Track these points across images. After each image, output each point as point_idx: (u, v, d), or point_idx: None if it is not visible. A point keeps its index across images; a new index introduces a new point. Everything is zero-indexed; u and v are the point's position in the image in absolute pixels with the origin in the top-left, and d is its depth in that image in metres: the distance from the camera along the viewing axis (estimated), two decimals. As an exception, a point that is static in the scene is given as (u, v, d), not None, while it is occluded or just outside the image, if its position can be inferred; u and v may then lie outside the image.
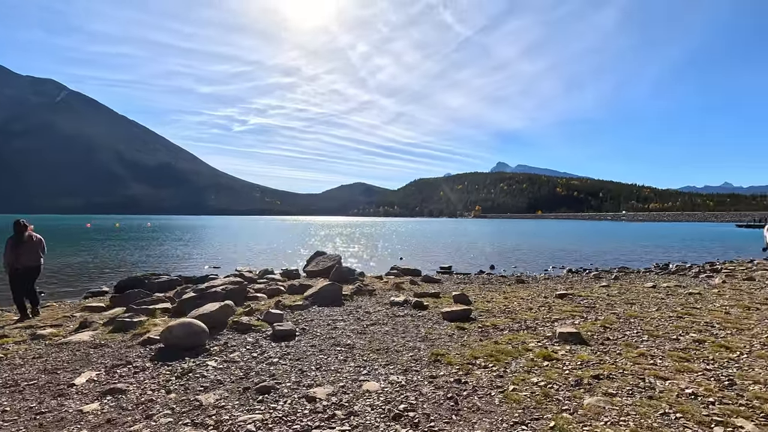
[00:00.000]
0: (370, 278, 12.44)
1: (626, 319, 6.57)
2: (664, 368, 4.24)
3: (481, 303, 8.22)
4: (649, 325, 6.16)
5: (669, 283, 11.07)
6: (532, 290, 10.33)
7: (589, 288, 10.63)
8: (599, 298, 8.65)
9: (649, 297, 8.83)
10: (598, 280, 12.72)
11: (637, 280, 12.58)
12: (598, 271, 15.34)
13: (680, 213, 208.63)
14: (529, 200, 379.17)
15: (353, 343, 5.35)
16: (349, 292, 9.00)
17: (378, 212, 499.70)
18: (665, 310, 7.27)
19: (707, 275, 13.53)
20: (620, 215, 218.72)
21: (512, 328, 6.08)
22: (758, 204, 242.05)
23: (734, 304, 7.80)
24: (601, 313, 7.06)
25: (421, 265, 17.74)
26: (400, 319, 6.77)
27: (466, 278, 13.52)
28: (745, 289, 9.82)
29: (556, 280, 13.12)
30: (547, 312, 7.31)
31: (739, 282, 11.40)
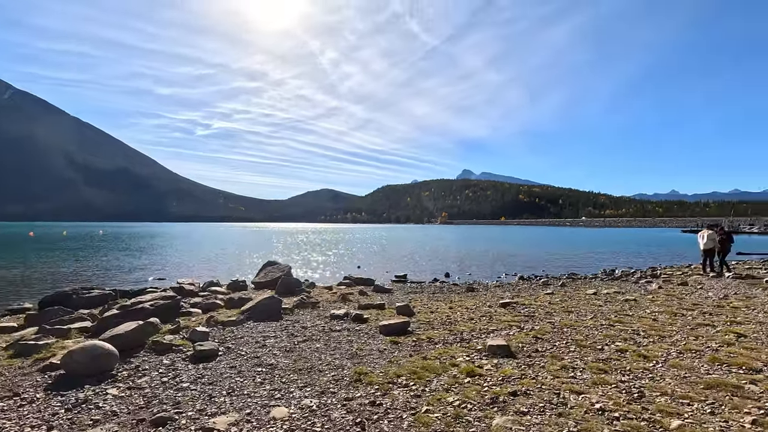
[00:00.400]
0: (320, 289, 12.15)
1: (560, 329, 6.64)
2: (581, 381, 4.25)
3: (425, 314, 8.13)
4: (580, 334, 6.26)
5: (610, 290, 11.43)
6: (480, 299, 10.38)
7: (535, 296, 10.81)
8: (540, 307, 8.77)
9: (588, 304, 9.05)
10: (546, 287, 13.00)
11: (583, 286, 12.94)
12: (548, 278, 15.71)
13: (633, 219, 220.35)
14: (493, 207, 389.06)
15: (277, 362, 5.08)
16: (291, 306, 8.69)
17: (346, 219, 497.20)
18: (599, 318, 7.43)
19: (647, 281, 14.13)
20: (578, 221, 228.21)
21: (447, 341, 6.00)
22: (701, 210, 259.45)
23: (664, 310, 8.10)
24: (537, 323, 7.13)
25: (378, 274, 17.60)
26: (336, 334, 6.55)
27: (418, 287, 13.47)
28: (677, 295, 10.28)
29: (506, 287, 13.30)
30: (486, 322, 7.30)
31: (674, 287, 11.95)
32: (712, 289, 11.18)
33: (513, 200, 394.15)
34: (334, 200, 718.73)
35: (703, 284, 12.47)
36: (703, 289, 11.42)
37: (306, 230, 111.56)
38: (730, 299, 9.28)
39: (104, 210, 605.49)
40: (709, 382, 4.07)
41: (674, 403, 3.68)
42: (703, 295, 10.22)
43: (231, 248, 35.64)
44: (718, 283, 12.76)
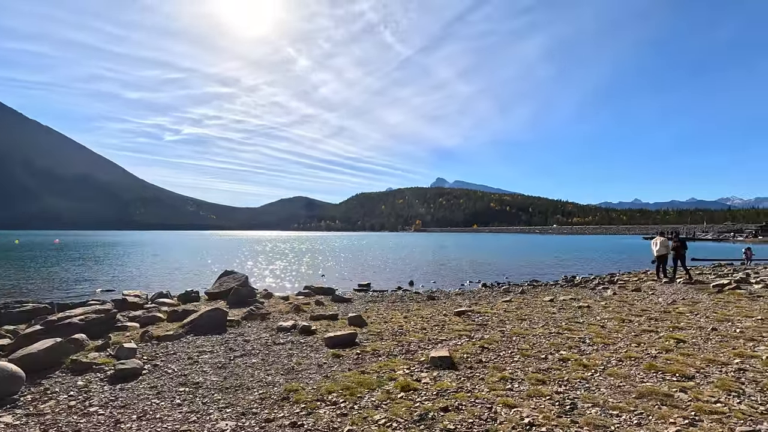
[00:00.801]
0: (276, 299, 11.74)
1: (509, 338, 6.57)
2: (517, 394, 4.12)
3: (377, 325, 7.92)
4: (528, 343, 6.19)
5: (566, 297, 11.57)
6: (438, 308, 10.27)
7: (493, 303, 10.79)
8: (495, 315, 8.72)
9: (543, 312, 9.07)
10: (506, 295, 13.05)
11: (542, 293, 13.06)
12: (510, 285, 15.83)
13: (599, 227, 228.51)
14: (466, 215, 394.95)
15: (204, 380, 4.73)
16: (239, 317, 8.30)
17: (320, 226, 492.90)
18: (550, 326, 7.42)
19: (604, 287, 14.44)
20: (547, 229, 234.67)
21: (392, 353, 5.79)
22: (662, 218, 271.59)
23: (613, 316, 8.19)
24: (488, 332, 7.04)
25: (342, 283, 17.29)
26: (278, 347, 6.24)
27: (379, 296, 13.25)
28: (629, 301, 10.48)
29: (467, 295, 13.27)
30: (438, 332, 7.16)
31: (628, 293, 12.22)
32: (663, 295, 11.48)
33: (485, 208, 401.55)
34: (309, 208, 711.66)
35: (656, 290, 12.82)
36: (654, 294, 11.72)
37: (277, 238, 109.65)
38: (677, 305, 9.52)
39: (64, 218, 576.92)
40: (641, 391, 4.03)
41: (604, 414, 3.59)
42: (654, 300, 10.46)
43: (194, 257, 34.42)
44: (670, 288, 13.15)
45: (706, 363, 4.88)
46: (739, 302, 9.49)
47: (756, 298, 10.00)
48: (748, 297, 10.20)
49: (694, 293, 11.61)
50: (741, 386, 4.11)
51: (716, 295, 10.98)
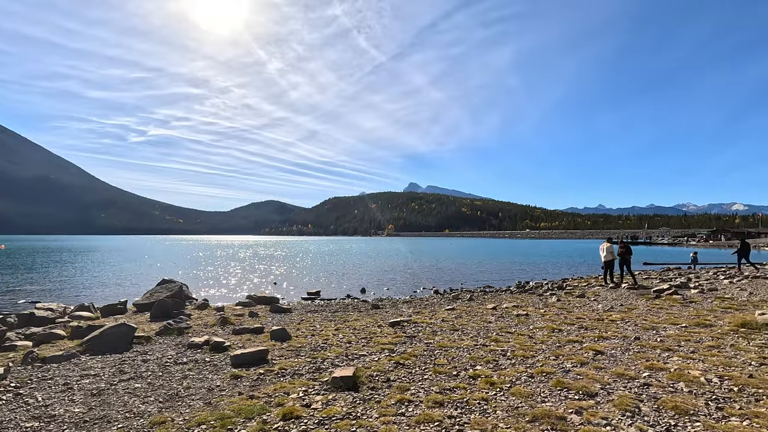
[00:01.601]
0: (209, 310, 11.08)
1: (432, 351, 6.26)
2: (407, 419, 3.77)
3: (302, 338, 7.46)
4: (448, 357, 5.90)
5: (511, 304, 11.47)
6: (376, 317, 9.92)
7: (435, 312, 10.54)
8: (431, 325, 8.44)
9: (480, 321, 8.86)
10: (454, 302, 12.86)
11: (489, 300, 12.94)
12: (461, 292, 15.70)
13: (564, 231, 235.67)
14: (438, 219, 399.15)
15: (64, 412, 4.15)
16: (152, 333, 7.65)
17: (292, 231, 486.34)
18: (480, 337, 7.18)
19: (551, 293, 14.51)
20: (516, 233, 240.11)
21: (298, 373, 5.36)
22: (623, 223, 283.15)
23: (546, 325, 8.05)
24: (414, 345, 6.72)
25: (293, 290, 16.72)
26: (177, 368, 5.68)
27: (324, 305, 12.78)
28: (569, 308, 10.45)
29: (415, 303, 13.00)
30: (363, 345, 6.78)
31: (572, 299, 12.26)
32: (604, 301, 11.56)
33: (456, 213, 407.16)
34: (280, 212, 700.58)
35: (599, 295, 12.94)
36: (596, 300, 11.79)
37: (244, 243, 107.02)
38: (613, 312, 9.52)
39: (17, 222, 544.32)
40: (536, 413, 3.76)
41: (487, 443, 3.29)
42: (593, 307, 10.47)
43: (144, 264, 32.80)
44: (613, 294, 13.31)
45: (615, 377, 4.70)
46: (671, 308, 9.59)
47: (688, 304, 10.16)
48: (681, 302, 10.36)
49: (634, 299, 11.75)
50: (639, 404, 3.91)
51: (653, 300, 11.12)
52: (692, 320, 7.86)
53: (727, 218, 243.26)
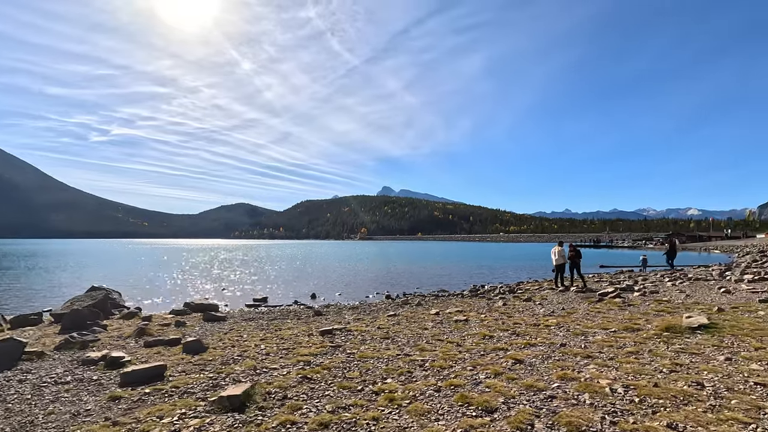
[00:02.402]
0: (134, 320, 10.31)
1: (350, 363, 5.88)
2: (279, 446, 3.37)
3: (219, 350, 6.93)
4: (362, 369, 5.53)
5: (455, 309, 11.25)
6: (313, 325, 9.48)
7: (375, 318, 10.20)
8: (363, 333, 8.07)
9: (417, 328, 8.56)
10: (401, 307, 12.58)
11: (436, 305, 12.71)
12: (413, 296, 15.46)
13: (532, 235, 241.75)
14: (411, 223, 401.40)
15: None
16: (50, 348, 6.93)
17: (263, 234, 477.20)
18: (408, 346, 6.87)
19: (501, 296, 14.47)
20: (486, 237, 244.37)
21: (189, 391, 4.85)
22: (588, 227, 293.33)
23: (480, 332, 7.82)
24: (335, 356, 6.32)
25: (241, 296, 16.01)
26: (53, 389, 5.05)
27: (267, 312, 12.22)
28: (511, 312, 10.34)
29: (361, 309, 12.64)
30: (280, 358, 6.32)
31: (519, 303, 12.20)
32: (549, 305, 11.54)
33: (429, 217, 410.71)
34: (251, 215, 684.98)
35: (546, 299, 12.95)
36: (540, 304, 11.76)
37: (210, 247, 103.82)
38: (552, 316, 9.44)
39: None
40: (422, 435, 3.44)
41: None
42: (534, 311, 10.39)
43: (91, 269, 30.99)
44: (560, 297, 13.37)
45: (523, 390, 4.46)
46: (609, 312, 9.61)
47: (627, 307, 10.23)
48: (620, 306, 10.42)
49: (577, 302, 11.80)
50: (535, 420, 3.66)
51: (595, 304, 11.17)
52: (623, 324, 7.82)
53: (683, 222, 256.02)
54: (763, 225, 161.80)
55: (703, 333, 6.65)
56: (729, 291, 12.64)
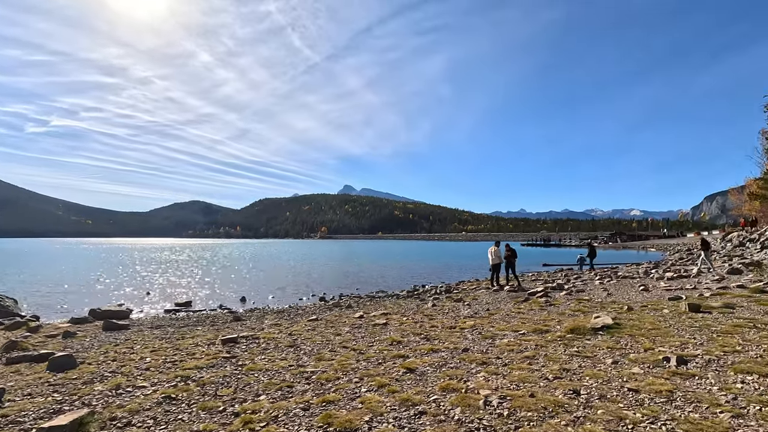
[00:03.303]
0: (20, 331, 9.19)
1: (231, 377, 5.35)
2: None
3: (94, 366, 6.15)
4: (239, 385, 5.01)
5: (380, 311, 10.95)
6: (225, 331, 8.82)
7: (294, 323, 9.69)
8: (272, 341, 7.53)
9: (331, 333, 8.14)
10: (329, 310, 12.13)
11: (365, 307, 12.38)
12: (348, 298, 15.06)
13: (489, 234, 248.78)
14: (371, 222, 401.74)
15: None
16: None
17: (218, 233, 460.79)
18: (308, 356, 6.41)
19: (434, 297, 14.36)
20: (445, 236, 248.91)
21: (18, 420, 4.14)
22: (541, 226, 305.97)
23: (391, 336, 7.50)
24: (220, 369, 5.75)
25: (163, 301, 14.92)
26: None
27: (184, 318, 11.37)
28: (435, 314, 10.14)
29: (287, 312, 12.06)
30: (160, 372, 5.67)
31: (448, 304, 12.08)
32: (476, 305, 11.48)
33: (390, 216, 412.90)
34: (206, 213, 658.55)
35: (476, 299, 12.94)
36: (469, 305, 11.69)
37: (158, 247, 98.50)
38: (473, 318, 9.31)
39: None
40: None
41: None
42: (459, 313, 10.25)
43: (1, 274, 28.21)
44: (492, 297, 13.41)
45: (397, 405, 4.12)
46: (528, 312, 9.62)
47: (547, 307, 10.31)
48: (542, 306, 10.50)
49: (505, 302, 11.83)
50: (389, 444, 3.32)
51: (521, 304, 11.22)
52: (535, 326, 7.77)
53: (626, 222, 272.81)
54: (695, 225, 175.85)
55: (604, 334, 6.66)
56: (648, 289, 13.14)
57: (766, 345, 5.51)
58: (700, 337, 6.19)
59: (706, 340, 5.96)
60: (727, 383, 4.25)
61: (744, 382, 4.25)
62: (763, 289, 10.66)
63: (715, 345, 5.66)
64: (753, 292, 10.53)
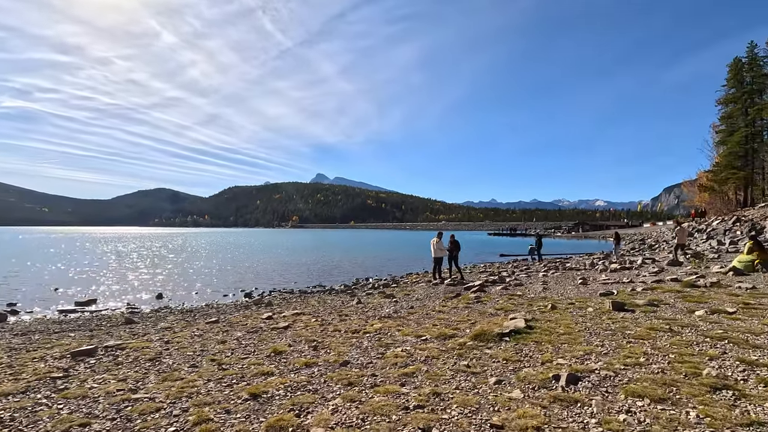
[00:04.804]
0: None
1: (31, 408, 4.22)
2: None
3: None
4: (28, 420, 3.90)
5: (294, 312, 9.94)
6: (93, 340, 7.60)
7: (184, 328, 8.56)
8: (134, 352, 6.39)
9: (210, 343, 7.08)
10: (245, 309, 11.05)
11: (286, 306, 11.37)
12: (280, 293, 14.01)
13: (459, 223, 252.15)
14: (344, 211, 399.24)
15: None
16: None
17: (185, 222, 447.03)
18: (155, 374, 5.34)
19: (367, 293, 13.50)
20: (417, 225, 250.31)
21: None
22: (510, 216, 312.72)
23: (274, 347, 6.50)
24: (34, 395, 4.61)
25: (69, 298, 13.39)
26: None
27: (70, 321, 10.00)
28: (351, 313, 9.24)
29: (192, 313, 10.90)
30: None
31: (375, 301, 11.25)
32: (406, 302, 10.70)
33: (362, 205, 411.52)
34: (173, 201, 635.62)
35: (410, 294, 12.18)
36: (397, 301, 10.88)
37: (114, 236, 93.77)
38: (390, 318, 8.46)
39: None
40: None
41: None
42: (381, 311, 9.37)
43: None
44: (427, 291, 12.69)
45: None
46: (451, 311, 8.83)
47: (474, 304, 9.58)
48: (468, 303, 9.76)
49: (436, 298, 11.10)
50: None
51: (451, 300, 10.50)
52: (444, 329, 6.94)
53: (590, 213, 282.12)
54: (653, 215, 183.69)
55: (510, 341, 5.90)
56: (586, 282, 12.69)
57: (673, 355, 4.84)
58: (609, 343, 5.50)
59: (614, 348, 5.26)
60: (610, 413, 3.47)
61: (630, 411, 3.48)
62: (694, 283, 10.31)
63: (620, 355, 4.96)
64: (684, 286, 10.15)
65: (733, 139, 40.35)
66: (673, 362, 4.60)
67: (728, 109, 42.35)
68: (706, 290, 9.53)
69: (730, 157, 40.69)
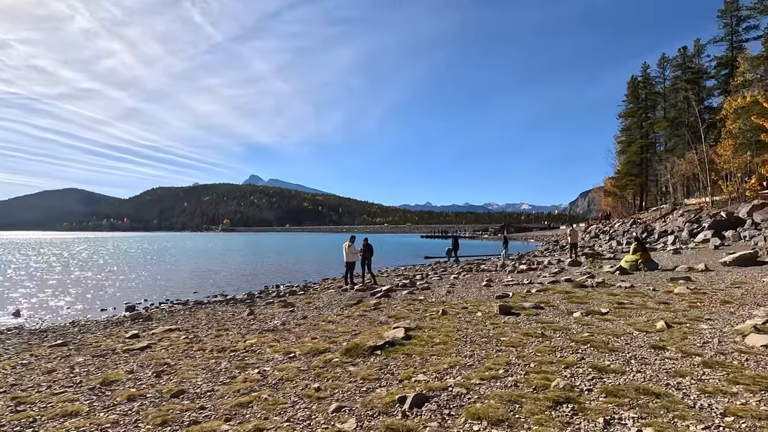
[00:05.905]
0: None
1: None
2: None
3: None
4: None
5: (165, 327, 8.84)
6: None
7: (19, 352, 7.14)
8: None
9: (33, 373, 5.86)
10: (113, 327, 9.64)
11: (166, 321, 10.14)
12: (171, 305, 12.60)
13: (395, 226, 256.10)
14: (279, 213, 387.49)
15: None
16: None
17: (101, 225, 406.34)
18: None
19: (268, 302, 12.60)
20: (353, 228, 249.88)
21: None
22: (444, 219, 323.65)
23: (107, 375, 5.51)
24: None
25: None
26: None
27: None
28: (233, 327, 8.35)
29: (44, 334, 9.30)
30: None
31: (271, 311, 10.42)
32: (302, 312, 9.98)
33: (298, 207, 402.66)
34: (87, 203, 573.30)
35: (313, 302, 11.47)
36: (292, 311, 10.13)
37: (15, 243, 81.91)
38: (267, 333, 7.69)
39: None
40: None
41: None
42: (267, 324, 8.58)
43: None
44: (331, 299, 12.07)
45: None
46: (344, 320, 8.29)
47: (370, 311, 9.12)
48: (365, 311, 9.29)
49: (336, 306, 10.51)
50: None
51: (350, 308, 9.98)
52: (322, 343, 6.34)
53: (516, 216, 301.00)
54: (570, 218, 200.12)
55: (380, 354, 5.44)
56: (491, 284, 12.86)
57: (534, 364, 4.64)
58: (479, 353, 5.23)
59: (480, 359, 4.98)
60: (440, 444, 3.06)
61: (462, 440, 3.10)
62: (583, 283, 10.74)
63: (483, 367, 4.66)
64: (574, 286, 10.54)
65: (630, 149, 44.78)
66: (530, 372, 4.37)
67: (627, 122, 47.00)
68: (591, 290, 9.92)
69: (628, 166, 45.10)
